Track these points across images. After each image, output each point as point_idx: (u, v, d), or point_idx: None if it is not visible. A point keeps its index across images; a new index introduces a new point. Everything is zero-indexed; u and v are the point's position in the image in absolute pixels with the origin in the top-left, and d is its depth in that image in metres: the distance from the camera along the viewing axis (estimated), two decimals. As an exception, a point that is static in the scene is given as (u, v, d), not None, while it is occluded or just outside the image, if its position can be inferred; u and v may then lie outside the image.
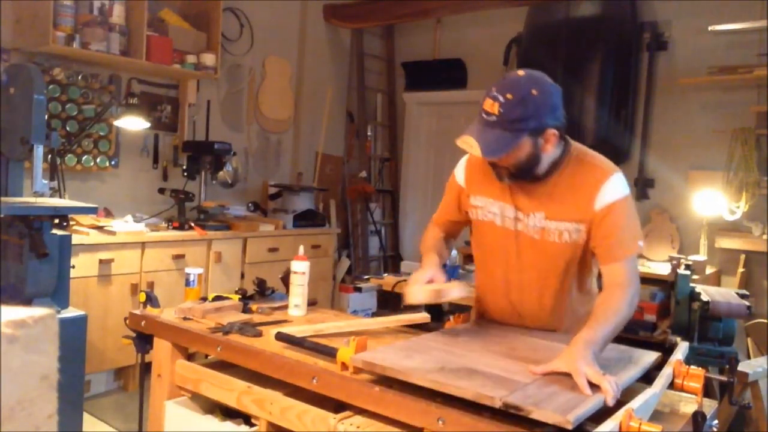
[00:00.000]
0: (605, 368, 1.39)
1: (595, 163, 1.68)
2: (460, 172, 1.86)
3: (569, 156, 1.67)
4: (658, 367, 1.53)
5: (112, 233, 3.48)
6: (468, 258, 3.53)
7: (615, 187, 1.62)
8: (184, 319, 1.93)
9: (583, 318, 1.61)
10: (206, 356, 1.92)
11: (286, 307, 2.09)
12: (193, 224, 3.98)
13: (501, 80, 1.58)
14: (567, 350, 1.42)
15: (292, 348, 1.65)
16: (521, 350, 1.58)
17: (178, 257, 3.79)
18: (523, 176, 1.65)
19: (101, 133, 3.94)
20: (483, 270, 1.92)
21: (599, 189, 1.61)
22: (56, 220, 2.51)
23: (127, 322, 2.01)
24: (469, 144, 1.56)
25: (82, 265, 3.27)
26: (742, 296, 3.02)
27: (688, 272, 3.17)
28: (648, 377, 1.50)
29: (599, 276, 1.74)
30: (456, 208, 1.88)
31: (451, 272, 3.26)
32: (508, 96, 1.52)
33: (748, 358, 3.35)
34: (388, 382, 1.40)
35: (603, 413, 1.23)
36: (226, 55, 4.61)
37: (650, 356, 1.62)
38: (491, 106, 1.53)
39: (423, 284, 1.71)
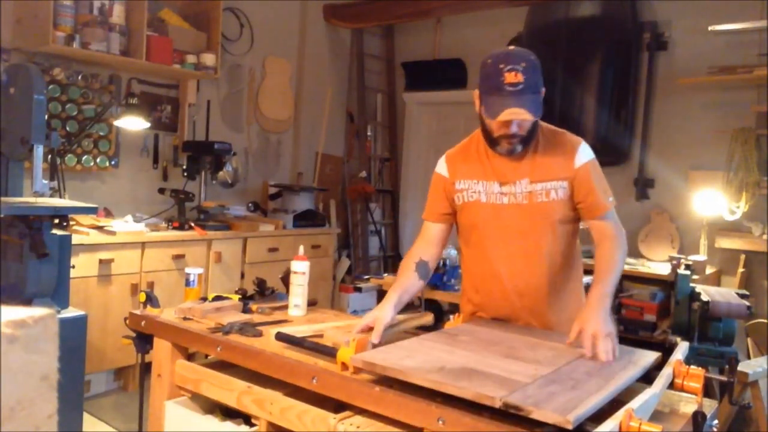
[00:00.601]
0: (606, 368, 1.39)
1: (564, 133, 1.89)
2: (441, 167, 1.97)
3: (541, 128, 1.86)
4: (658, 367, 1.53)
5: (112, 233, 3.48)
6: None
7: (586, 150, 1.84)
8: (184, 319, 1.93)
9: (572, 299, 1.82)
10: (206, 356, 1.92)
11: (286, 307, 2.09)
12: (193, 224, 3.98)
13: (503, 55, 1.72)
14: (583, 311, 1.63)
15: (292, 348, 1.65)
16: (521, 350, 1.58)
17: (178, 257, 3.79)
18: (530, 137, 1.79)
19: (101, 133, 3.94)
20: (472, 257, 1.96)
21: (576, 150, 1.82)
22: (56, 220, 2.50)
23: (127, 322, 2.01)
24: (514, 112, 1.66)
25: (82, 265, 3.27)
26: (742, 296, 3.02)
27: (688, 272, 3.18)
28: (648, 377, 1.50)
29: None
30: (443, 198, 1.95)
31: (451, 272, 3.28)
32: (523, 64, 1.68)
33: (748, 358, 3.35)
34: (388, 382, 1.40)
35: (603, 413, 1.23)
36: (226, 55, 4.61)
37: (650, 356, 1.62)
38: (515, 77, 1.67)
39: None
